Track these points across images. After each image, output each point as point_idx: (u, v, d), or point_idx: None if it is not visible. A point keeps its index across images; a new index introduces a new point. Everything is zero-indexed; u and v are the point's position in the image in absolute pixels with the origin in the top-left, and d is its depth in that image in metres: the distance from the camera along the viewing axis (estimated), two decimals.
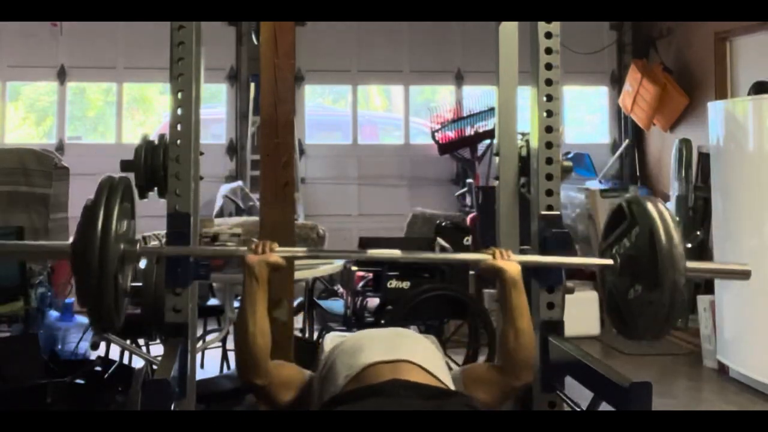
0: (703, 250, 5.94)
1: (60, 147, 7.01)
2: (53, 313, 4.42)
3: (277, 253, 2.06)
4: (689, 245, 5.73)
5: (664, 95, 6.85)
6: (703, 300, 5.14)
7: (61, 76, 7.22)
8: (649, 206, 1.97)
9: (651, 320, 1.94)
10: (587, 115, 8.37)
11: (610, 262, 2.09)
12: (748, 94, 5.08)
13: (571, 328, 2.39)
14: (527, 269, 2.45)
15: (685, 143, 6.12)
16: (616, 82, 7.81)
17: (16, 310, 3.93)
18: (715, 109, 4.98)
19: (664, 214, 1.93)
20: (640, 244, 1.97)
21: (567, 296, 2.43)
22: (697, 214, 5.94)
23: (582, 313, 5.64)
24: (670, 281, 1.87)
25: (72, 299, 4.62)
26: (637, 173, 7.67)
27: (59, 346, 4.19)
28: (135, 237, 2.05)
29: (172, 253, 2.22)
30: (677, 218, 5.86)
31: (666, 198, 6.81)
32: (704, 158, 5.89)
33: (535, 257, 2.33)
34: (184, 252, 2.24)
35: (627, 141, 7.69)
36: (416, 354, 1.96)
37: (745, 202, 4.62)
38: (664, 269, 1.87)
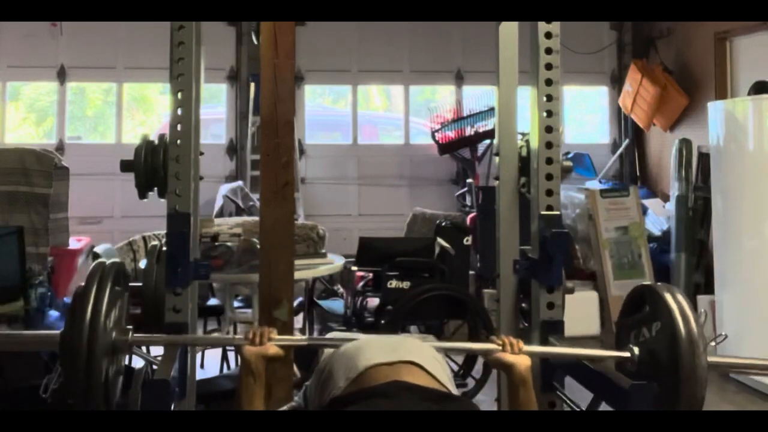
0: (703, 250, 5.95)
1: (60, 147, 7.01)
2: (53, 313, 4.41)
3: (275, 341, 1.97)
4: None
5: (664, 95, 6.85)
6: (703, 300, 5.14)
7: (61, 76, 7.22)
8: (670, 301, 1.88)
9: None
10: (587, 115, 8.37)
11: (627, 354, 1.98)
12: (748, 94, 5.08)
13: (571, 328, 2.39)
14: (527, 266, 2.46)
15: (685, 143, 6.12)
16: (616, 82, 7.81)
17: (16, 310, 3.92)
18: (715, 109, 4.98)
19: (686, 312, 1.85)
20: (659, 342, 1.89)
21: (567, 296, 2.43)
22: (697, 214, 5.94)
23: (582, 313, 5.63)
24: (690, 391, 1.81)
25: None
26: (637, 173, 7.68)
27: None
28: (128, 325, 1.96)
29: (169, 342, 2.17)
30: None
31: (666, 198, 6.82)
32: (704, 158, 5.88)
33: (548, 349, 2.25)
34: (180, 341, 2.20)
35: (627, 141, 7.70)
36: (417, 356, 1.95)
37: (745, 202, 4.61)
38: (686, 380, 1.81)
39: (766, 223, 4.51)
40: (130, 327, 1.96)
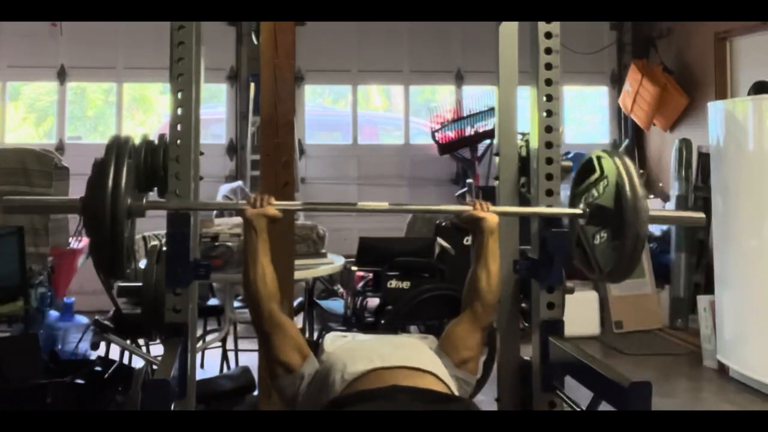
0: (703, 250, 5.95)
1: (60, 147, 7.01)
2: (53, 313, 4.41)
3: (274, 206, 2.16)
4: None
5: (664, 95, 6.85)
6: (703, 300, 5.14)
7: (61, 76, 7.23)
8: (617, 161, 2.13)
9: (616, 262, 2.12)
10: (587, 115, 8.37)
11: (579, 211, 2.25)
12: (748, 94, 5.08)
13: (571, 328, 2.39)
14: (527, 266, 2.47)
15: (685, 143, 6.12)
16: (616, 82, 7.81)
17: (16, 310, 3.92)
18: (715, 109, 4.98)
19: (629, 168, 2.10)
20: (607, 195, 2.16)
21: (567, 296, 2.43)
22: None
23: (582, 313, 5.64)
24: (633, 228, 2.04)
25: (72, 299, 4.62)
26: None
27: (59, 346, 4.19)
28: (141, 193, 2.17)
29: (175, 207, 2.30)
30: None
31: (666, 198, 6.82)
32: (704, 158, 5.88)
33: (512, 208, 2.50)
34: (185, 206, 2.32)
35: (627, 141, 7.69)
36: (416, 359, 1.93)
37: (745, 202, 4.61)
38: (629, 218, 2.04)
39: (765, 223, 4.52)
40: (143, 193, 2.19)
